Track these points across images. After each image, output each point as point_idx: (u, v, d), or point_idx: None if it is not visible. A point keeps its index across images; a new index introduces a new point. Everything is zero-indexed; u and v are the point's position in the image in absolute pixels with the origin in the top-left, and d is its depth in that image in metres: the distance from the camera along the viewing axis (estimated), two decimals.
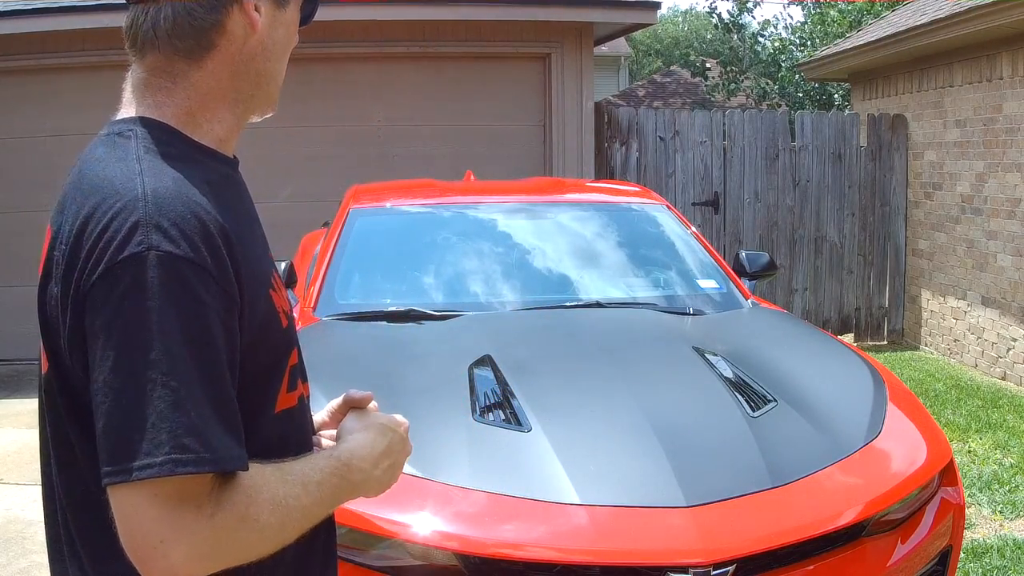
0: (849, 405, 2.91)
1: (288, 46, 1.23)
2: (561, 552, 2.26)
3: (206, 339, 0.99)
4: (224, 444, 0.98)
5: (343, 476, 1.14)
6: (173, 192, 1.03)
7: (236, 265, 1.05)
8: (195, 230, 1.01)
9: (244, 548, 1.02)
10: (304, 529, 1.09)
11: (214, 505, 0.98)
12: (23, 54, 7.28)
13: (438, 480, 2.40)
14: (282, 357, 1.17)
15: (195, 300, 0.99)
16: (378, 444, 1.22)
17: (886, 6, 12.50)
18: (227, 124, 1.18)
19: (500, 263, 4.01)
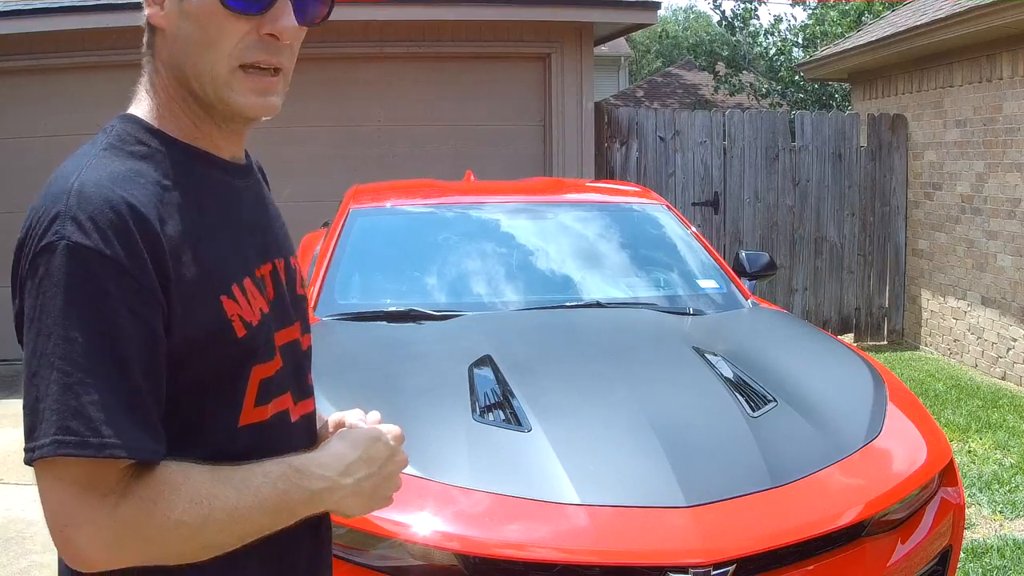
0: (849, 405, 2.91)
1: (205, 39, 1.10)
2: (561, 552, 2.26)
3: (106, 328, 0.99)
4: (110, 430, 0.97)
5: (294, 482, 1.08)
6: (98, 187, 1.03)
7: (163, 263, 1.04)
8: (109, 223, 1.01)
9: (155, 543, 1.01)
10: (241, 533, 1.05)
11: (119, 495, 0.99)
12: (23, 54, 7.28)
13: (438, 480, 2.40)
14: (240, 368, 1.12)
15: (99, 290, 0.99)
16: (349, 453, 1.14)
17: (886, 6, 12.50)
18: (193, 121, 1.15)
19: (500, 263, 4.01)
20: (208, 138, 1.17)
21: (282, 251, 1.26)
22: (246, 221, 1.20)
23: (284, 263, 1.25)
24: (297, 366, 1.24)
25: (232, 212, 1.18)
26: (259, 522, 1.06)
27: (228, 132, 1.18)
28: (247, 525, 1.05)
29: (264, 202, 1.28)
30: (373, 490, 1.16)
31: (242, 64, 1.11)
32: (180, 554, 1.04)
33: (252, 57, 1.11)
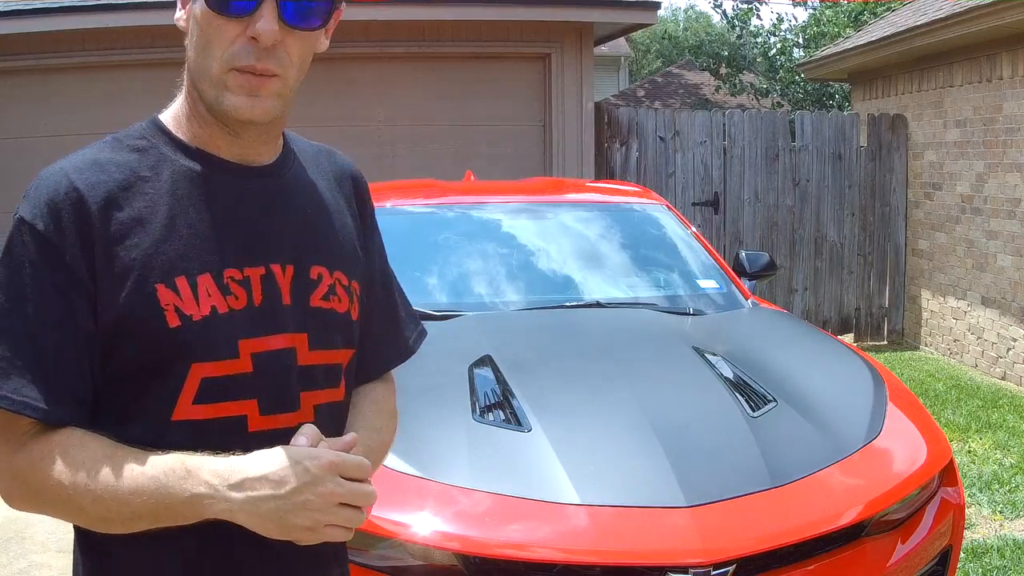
0: (849, 405, 2.91)
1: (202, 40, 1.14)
2: (561, 552, 2.26)
3: (20, 290, 1.09)
4: (9, 384, 1.06)
5: (178, 480, 1.06)
6: (59, 171, 1.13)
7: (93, 243, 1.10)
8: (46, 200, 1.10)
9: (39, 496, 1.10)
10: (119, 513, 1.07)
11: (17, 446, 1.09)
12: (23, 54, 7.28)
13: (438, 480, 2.40)
14: (174, 360, 1.12)
15: (24, 258, 1.09)
16: (253, 468, 1.06)
17: (886, 6, 12.50)
18: (201, 122, 1.19)
19: (500, 263, 4.01)
20: (212, 140, 1.19)
21: (296, 257, 1.21)
22: (235, 222, 1.18)
23: (294, 271, 1.21)
24: (280, 377, 1.18)
25: (215, 210, 1.17)
26: (135, 507, 1.06)
27: (234, 136, 1.19)
28: (123, 506, 1.07)
29: (283, 207, 1.23)
30: (275, 514, 1.05)
31: (234, 68, 1.13)
32: (65, 513, 1.11)
33: (242, 61, 1.13)
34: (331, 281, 1.24)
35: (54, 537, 4.07)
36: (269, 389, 1.17)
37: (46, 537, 4.07)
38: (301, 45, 1.16)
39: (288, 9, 1.12)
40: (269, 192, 1.22)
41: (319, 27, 1.18)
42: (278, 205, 1.22)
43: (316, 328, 1.22)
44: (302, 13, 1.14)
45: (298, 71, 1.18)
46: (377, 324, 1.38)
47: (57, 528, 4.17)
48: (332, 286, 1.24)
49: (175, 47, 5.80)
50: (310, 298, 1.22)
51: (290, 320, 1.19)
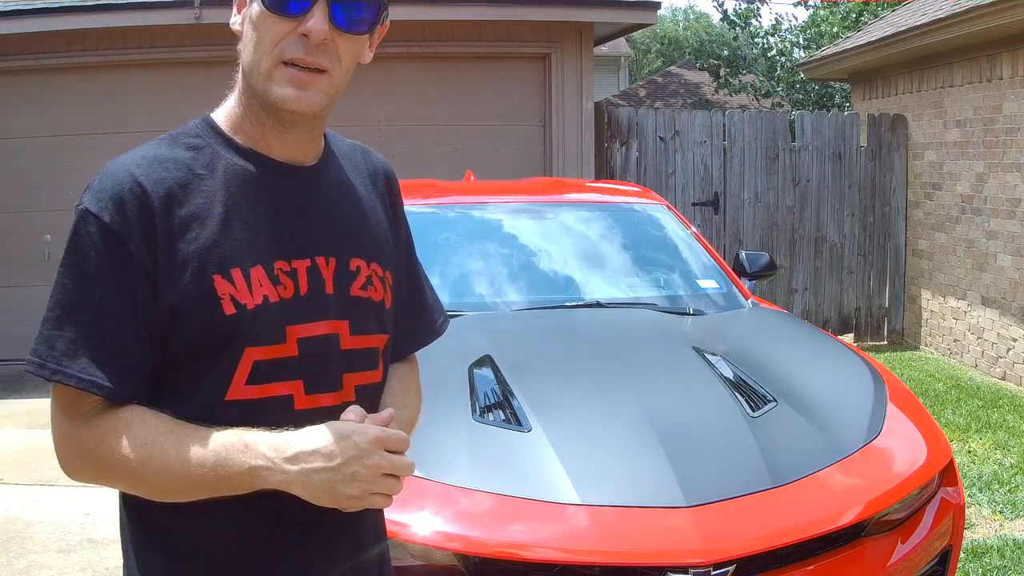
0: (849, 405, 2.91)
1: (256, 38, 1.23)
2: (561, 552, 2.26)
3: (87, 277, 1.17)
4: (70, 363, 1.16)
5: (236, 453, 1.15)
6: (120, 167, 1.22)
7: (152, 232, 1.18)
8: (112, 194, 1.19)
9: (104, 469, 1.18)
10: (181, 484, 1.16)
11: (84, 422, 1.17)
12: (23, 54, 7.28)
13: (438, 480, 2.40)
14: (230, 344, 1.20)
15: (89, 246, 1.18)
16: (306, 443, 1.16)
17: (885, 6, 12.49)
18: (254, 123, 1.28)
19: (500, 263, 4.01)
20: (264, 139, 1.28)
21: (338, 251, 1.31)
22: (283, 218, 1.27)
23: (336, 263, 1.30)
24: (323, 361, 1.27)
25: (264, 207, 1.26)
26: (196, 478, 1.15)
27: (283, 133, 1.28)
28: (185, 478, 1.15)
29: (325, 204, 1.32)
30: (326, 484, 1.15)
31: (284, 60, 1.22)
32: (128, 484, 1.20)
33: (291, 54, 1.22)
34: (368, 272, 1.34)
35: (54, 537, 4.07)
36: (313, 371, 1.26)
37: (46, 537, 4.07)
38: (348, 48, 1.26)
39: (338, 13, 1.22)
40: (313, 191, 1.32)
41: (365, 33, 1.27)
42: (320, 203, 1.32)
43: (356, 315, 1.31)
44: (351, 19, 1.24)
45: (344, 72, 1.27)
46: (405, 309, 1.47)
47: (57, 528, 4.17)
48: (369, 277, 1.34)
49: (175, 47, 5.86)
50: (350, 288, 1.31)
51: (333, 308, 1.29)
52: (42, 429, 5.74)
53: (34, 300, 7.98)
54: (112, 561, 3.84)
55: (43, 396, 6.87)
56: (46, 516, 4.32)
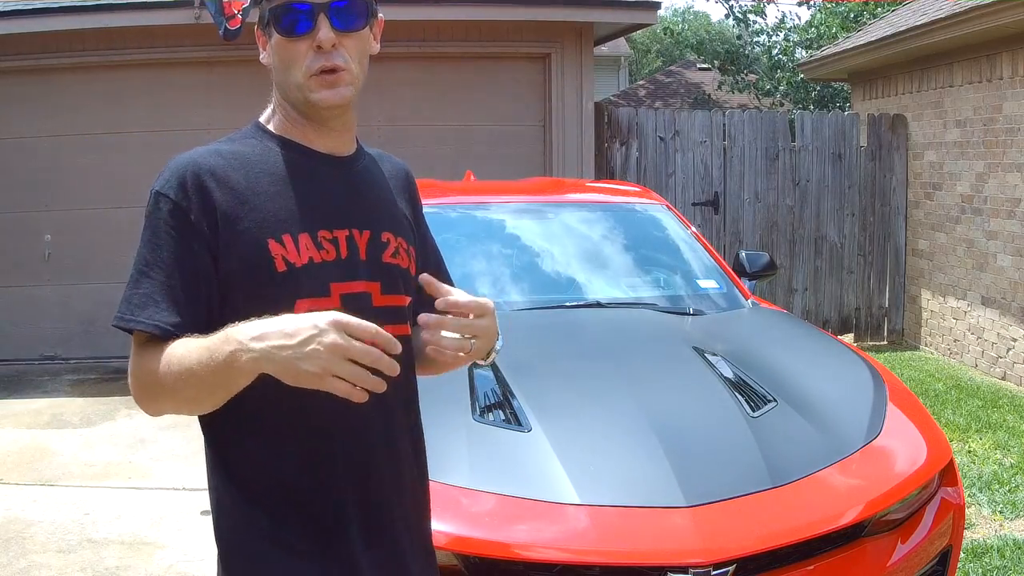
0: (849, 405, 2.91)
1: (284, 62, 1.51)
2: (561, 552, 2.26)
3: (158, 243, 1.43)
4: (141, 314, 1.41)
5: (220, 342, 1.33)
6: (186, 156, 1.49)
7: (210, 205, 1.44)
8: (176, 176, 1.46)
9: (151, 393, 1.42)
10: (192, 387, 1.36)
11: (151, 356, 1.40)
12: (23, 54, 7.28)
13: (438, 480, 2.39)
14: (285, 297, 1.43)
15: (160, 219, 1.44)
16: (272, 325, 1.31)
17: (885, 6, 12.49)
18: (294, 125, 1.55)
19: (500, 263, 4.01)
20: (306, 136, 1.55)
21: (370, 225, 1.56)
22: (324, 195, 1.52)
23: (370, 235, 1.55)
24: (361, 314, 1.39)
25: (308, 187, 1.51)
26: (202, 377, 1.34)
27: (321, 130, 1.55)
28: (193, 378, 1.35)
29: (360, 186, 1.59)
30: (289, 361, 1.29)
31: (312, 74, 1.49)
32: (171, 402, 1.42)
33: (316, 66, 1.49)
34: (396, 245, 1.59)
35: (54, 537, 4.07)
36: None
37: (46, 537, 4.07)
38: (354, 45, 1.53)
39: (335, 19, 1.49)
40: (349, 176, 1.58)
41: (363, 27, 1.54)
42: (355, 186, 1.58)
43: (386, 279, 1.56)
44: (346, 20, 1.51)
45: (359, 65, 1.54)
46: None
47: (57, 528, 4.17)
48: (396, 248, 1.59)
49: (174, 47, 5.85)
50: (382, 256, 1.56)
51: (366, 271, 1.53)
52: (42, 429, 5.74)
53: (34, 300, 7.99)
54: (112, 561, 3.84)
55: (43, 396, 6.86)
56: (46, 516, 4.32)
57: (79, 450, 5.33)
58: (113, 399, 6.44)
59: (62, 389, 6.83)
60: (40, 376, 7.22)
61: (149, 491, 4.68)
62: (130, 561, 3.85)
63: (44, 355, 7.62)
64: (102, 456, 5.24)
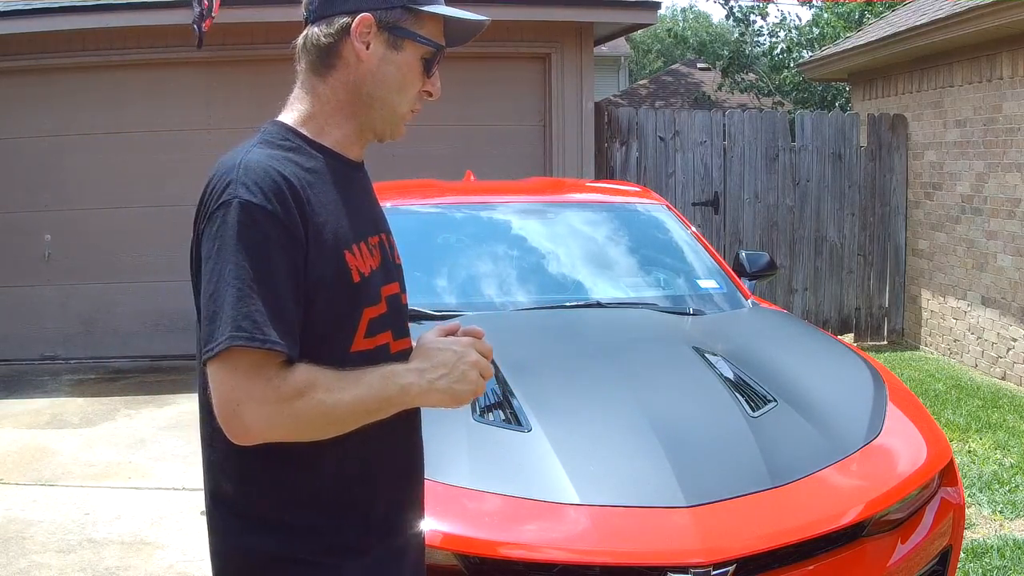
0: (849, 405, 2.91)
1: (402, 84, 1.53)
2: (561, 552, 2.26)
3: (264, 258, 1.36)
4: (271, 332, 1.34)
5: (391, 378, 1.42)
6: (259, 163, 1.42)
7: (306, 220, 1.41)
8: (269, 187, 1.39)
9: (303, 419, 1.37)
10: (357, 413, 1.40)
11: (281, 380, 1.35)
12: (23, 54, 7.28)
13: (438, 480, 2.40)
14: (356, 306, 1.48)
15: (260, 233, 1.37)
16: (423, 363, 1.45)
17: (886, 6, 12.49)
18: (344, 131, 1.55)
19: (500, 263, 4.01)
20: (346, 143, 1.56)
21: (385, 228, 1.63)
22: (359, 202, 1.56)
23: (387, 237, 1.62)
24: (397, 313, 1.58)
25: (350, 194, 1.54)
26: (369, 406, 1.41)
27: (362, 143, 1.59)
28: (360, 407, 1.40)
29: (370, 191, 1.64)
30: (448, 387, 1.45)
31: (411, 108, 1.58)
32: (317, 429, 1.40)
33: (416, 105, 1.59)
34: (394, 244, 1.66)
35: (54, 537, 4.07)
36: (396, 322, 1.57)
37: (46, 537, 4.07)
38: None
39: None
40: (365, 181, 1.63)
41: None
42: (369, 191, 1.64)
43: (401, 279, 1.64)
44: None
45: None
46: None
47: (57, 528, 4.17)
48: (396, 249, 1.67)
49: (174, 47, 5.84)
50: (395, 257, 1.64)
51: (394, 273, 1.61)
52: (42, 429, 5.74)
53: (34, 300, 7.98)
54: (112, 561, 3.84)
55: (43, 396, 6.85)
56: (46, 516, 4.32)
57: (79, 450, 5.33)
58: (113, 399, 6.44)
59: (62, 389, 6.83)
60: (40, 376, 7.22)
61: (149, 491, 4.68)
62: (130, 561, 3.85)
63: (44, 355, 7.62)
64: (102, 456, 5.24)
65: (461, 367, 1.46)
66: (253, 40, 7.30)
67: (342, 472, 1.49)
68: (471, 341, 1.50)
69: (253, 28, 7.21)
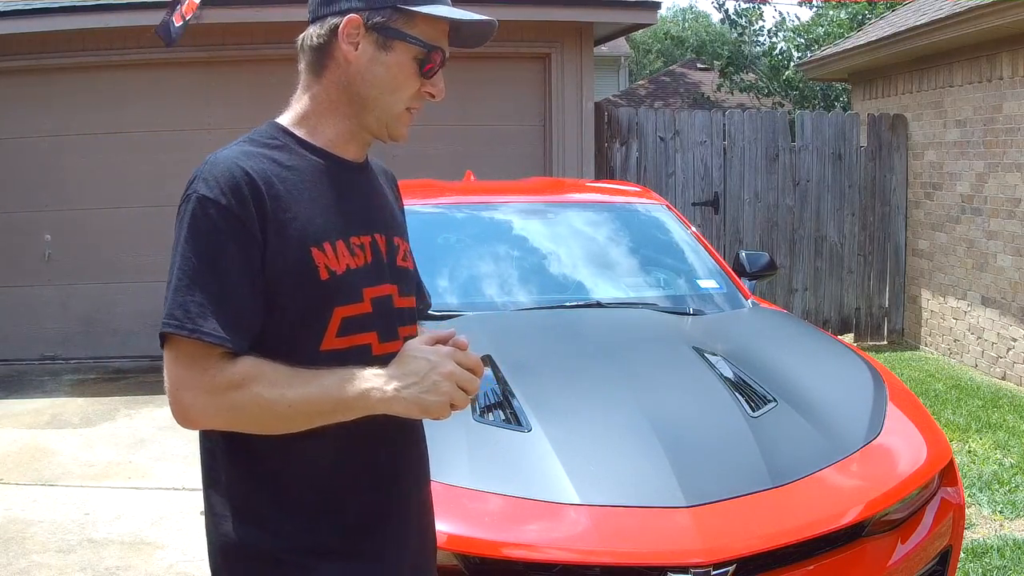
0: (849, 405, 2.91)
1: (393, 84, 1.52)
2: (561, 552, 2.26)
3: (212, 251, 1.39)
4: (205, 323, 1.36)
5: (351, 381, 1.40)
6: (225, 159, 1.44)
7: (263, 213, 1.42)
8: (227, 182, 1.41)
9: (240, 411, 1.39)
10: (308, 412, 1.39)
11: (218, 370, 1.37)
12: (23, 54, 7.28)
13: (438, 480, 2.39)
14: (325, 304, 1.46)
15: (212, 226, 1.40)
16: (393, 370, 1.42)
17: (887, 6, 12.49)
18: (338, 131, 1.55)
19: (500, 263, 4.01)
20: (340, 142, 1.56)
21: (386, 230, 1.60)
22: (349, 201, 1.54)
23: (386, 239, 1.59)
24: (387, 315, 1.55)
25: (336, 193, 1.53)
26: (320, 405, 1.39)
27: (358, 142, 1.58)
28: (310, 406, 1.39)
29: (373, 192, 1.62)
30: (416, 396, 1.41)
31: (408, 108, 1.56)
32: (258, 422, 1.41)
33: (414, 103, 1.57)
34: (404, 249, 1.65)
35: (54, 537, 4.07)
36: (384, 324, 1.54)
37: (46, 537, 4.07)
38: None
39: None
40: (365, 182, 1.62)
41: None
42: (370, 192, 1.62)
43: (401, 281, 1.60)
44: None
45: None
46: None
47: (57, 528, 4.17)
48: (405, 252, 1.65)
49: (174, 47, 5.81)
50: (396, 259, 1.61)
51: (388, 274, 1.57)
52: (42, 429, 5.74)
53: (34, 300, 7.98)
54: (112, 561, 3.84)
55: (43, 396, 6.86)
56: (46, 516, 4.32)
57: (79, 450, 5.33)
58: (113, 399, 6.44)
59: (62, 389, 6.83)
60: (40, 376, 7.22)
61: (149, 491, 4.68)
62: (130, 561, 3.85)
63: (44, 355, 7.62)
64: (102, 456, 5.24)
65: (433, 377, 1.42)
66: (253, 40, 7.30)
67: (312, 472, 1.49)
68: (450, 351, 1.45)
69: (253, 28, 7.21)
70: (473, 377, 1.45)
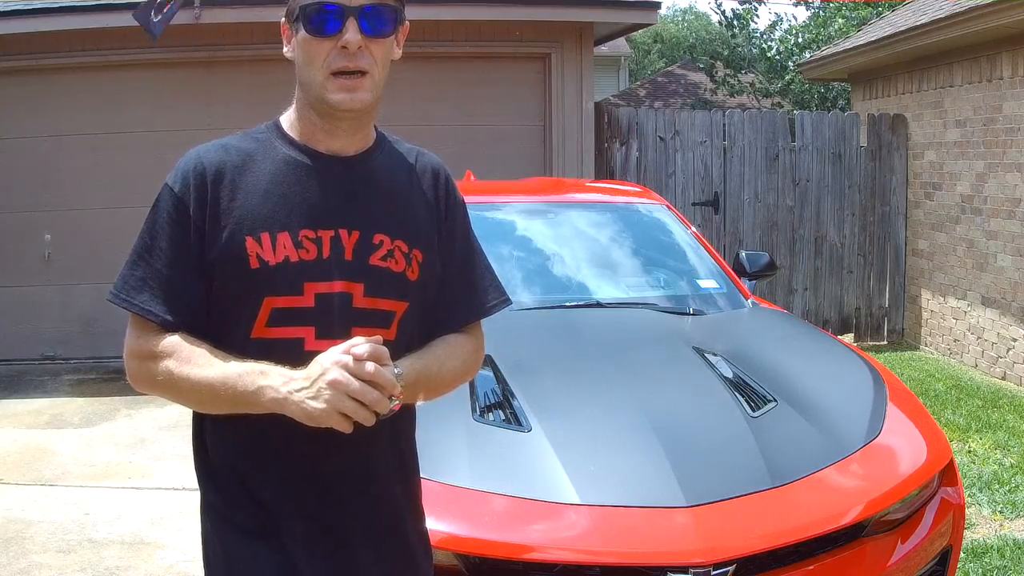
0: (849, 405, 2.91)
1: (307, 57, 1.54)
2: (561, 552, 2.26)
3: (156, 233, 1.53)
4: (138, 296, 1.52)
5: (253, 376, 1.44)
6: (195, 150, 1.57)
7: (206, 199, 1.52)
8: (183, 170, 1.55)
9: (156, 380, 1.51)
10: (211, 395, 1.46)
11: (146, 340, 1.52)
12: (23, 54, 7.28)
13: (438, 480, 2.40)
14: (254, 293, 1.50)
15: (162, 210, 1.54)
16: (297, 373, 1.44)
17: (887, 6, 12.48)
18: (305, 124, 1.59)
19: (499, 263, 4.01)
20: (310, 135, 1.58)
21: (362, 226, 1.57)
22: (311, 194, 1.55)
23: (359, 235, 1.56)
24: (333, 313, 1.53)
25: (303, 187, 1.55)
26: (219, 392, 1.45)
27: (330, 131, 1.57)
28: (209, 390, 1.46)
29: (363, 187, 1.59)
30: (300, 401, 1.42)
31: (333, 72, 1.52)
32: (169, 393, 1.52)
33: (337, 65, 1.52)
34: (391, 247, 1.58)
35: (54, 537, 4.07)
36: (325, 320, 1.52)
37: (46, 537, 4.07)
38: (380, 50, 1.56)
39: (364, 24, 1.52)
40: (349, 176, 1.59)
41: (390, 34, 1.58)
42: (354, 186, 1.59)
43: (371, 281, 1.56)
44: (375, 26, 1.54)
45: (381, 70, 1.57)
46: (454, 288, 1.70)
47: (57, 528, 4.17)
48: (391, 251, 1.58)
49: (175, 47, 5.85)
50: (369, 258, 1.56)
51: (348, 272, 1.54)
52: (42, 429, 5.74)
53: (34, 300, 7.98)
54: (112, 561, 3.84)
55: (43, 396, 6.84)
56: (46, 516, 4.32)
57: (79, 450, 5.33)
58: (113, 399, 6.44)
59: (62, 389, 6.83)
60: (40, 376, 7.22)
61: (149, 491, 4.68)
62: (130, 561, 3.85)
63: (44, 355, 7.62)
64: (102, 456, 5.24)
65: (319, 384, 1.40)
66: (253, 40, 7.29)
67: (232, 454, 1.57)
68: (339, 360, 1.40)
69: (253, 28, 7.21)
70: (367, 389, 1.39)
